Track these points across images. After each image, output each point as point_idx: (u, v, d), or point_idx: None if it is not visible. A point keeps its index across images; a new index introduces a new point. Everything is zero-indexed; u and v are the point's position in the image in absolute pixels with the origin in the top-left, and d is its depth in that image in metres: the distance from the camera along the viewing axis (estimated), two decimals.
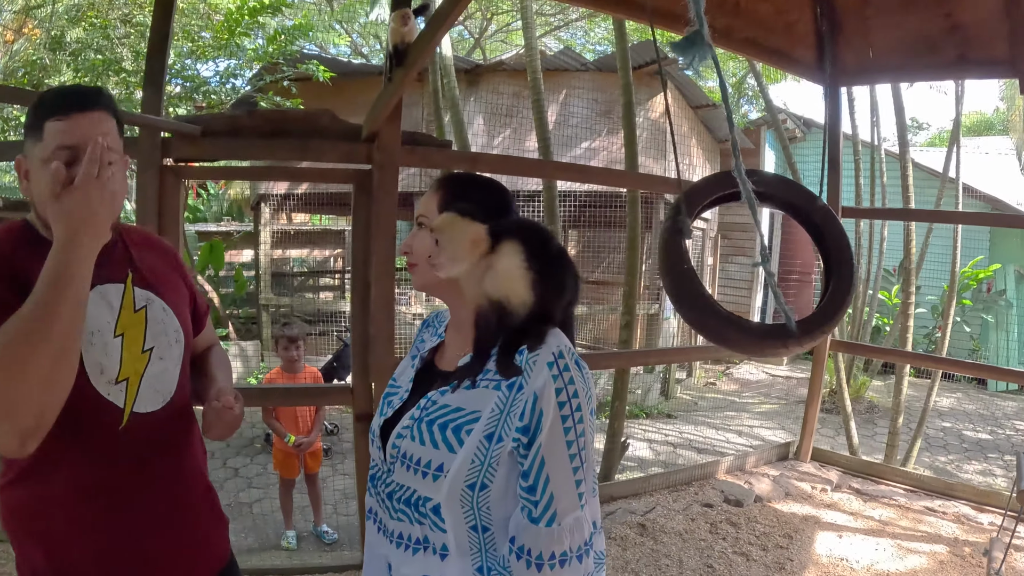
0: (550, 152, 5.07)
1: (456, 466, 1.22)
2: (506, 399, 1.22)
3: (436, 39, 2.16)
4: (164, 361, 1.46)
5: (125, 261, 1.47)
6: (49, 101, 1.34)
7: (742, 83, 15.31)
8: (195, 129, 3.10)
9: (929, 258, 8.18)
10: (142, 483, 1.41)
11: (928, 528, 4.06)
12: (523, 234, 1.29)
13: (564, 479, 1.19)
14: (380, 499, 1.36)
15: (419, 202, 1.44)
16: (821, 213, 2.50)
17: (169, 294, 1.53)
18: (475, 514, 1.24)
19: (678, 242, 2.36)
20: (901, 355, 6.32)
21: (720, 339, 2.36)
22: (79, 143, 1.28)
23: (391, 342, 3.21)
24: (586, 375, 1.25)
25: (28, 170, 1.35)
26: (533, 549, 1.18)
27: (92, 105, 1.34)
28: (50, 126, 1.30)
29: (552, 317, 1.30)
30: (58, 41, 8.70)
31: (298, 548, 4.51)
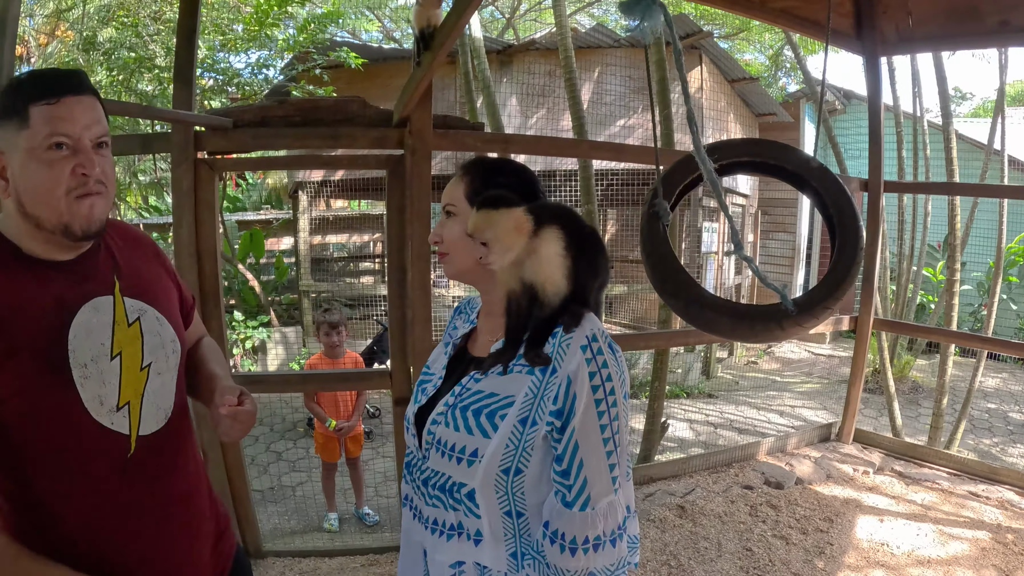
0: (585, 131, 5.02)
1: (491, 451, 1.22)
2: (539, 383, 1.22)
3: (462, 21, 2.13)
4: (162, 376, 1.36)
5: (109, 267, 1.34)
6: (34, 83, 1.20)
7: (779, 55, 14.98)
8: (226, 122, 3.13)
9: (974, 233, 7.93)
10: (155, 505, 1.33)
11: (971, 513, 3.96)
12: (561, 220, 1.28)
13: (598, 463, 1.19)
14: (415, 486, 1.37)
15: (445, 190, 1.43)
16: (817, 175, 2.29)
17: (160, 299, 1.42)
18: (509, 500, 1.24)
19: (656, 227, 2.24)
20: (945, 334, 6.13)
21: (708, 326, 2.22)
22: (75, 133, 1.19)
23: (429, 325, 3.22)
24: (619, 358, 1.24)
25: (4, 166, 1.20)
26: (567, 533, 1.18)
27: (83, 89, 1.23)
28: (39, 110, 1.17)
29: (587, 299, 1.29)
30: (90, 42, 8.86)
31: (340, 530, 4.59)
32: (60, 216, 1.19)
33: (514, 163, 1.48)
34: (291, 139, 3.28)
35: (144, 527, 1.31)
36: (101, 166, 1.22)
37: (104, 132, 1.24)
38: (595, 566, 1.19)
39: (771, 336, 2.24)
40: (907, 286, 8.06)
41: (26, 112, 1.16)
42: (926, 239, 8.17)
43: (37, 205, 1.19)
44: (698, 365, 9.57)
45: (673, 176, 2.38)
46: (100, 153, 1.23)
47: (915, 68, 7.22)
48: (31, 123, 1.16)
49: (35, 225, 1.21)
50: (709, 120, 9.56)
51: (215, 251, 3.17)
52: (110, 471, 1.25)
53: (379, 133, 3.22)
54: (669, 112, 4.79)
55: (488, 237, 1.25)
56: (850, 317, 5.02)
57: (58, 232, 1.21)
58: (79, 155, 1.19)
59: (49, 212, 1.19)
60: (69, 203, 1.19)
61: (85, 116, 1.20)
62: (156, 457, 1.32)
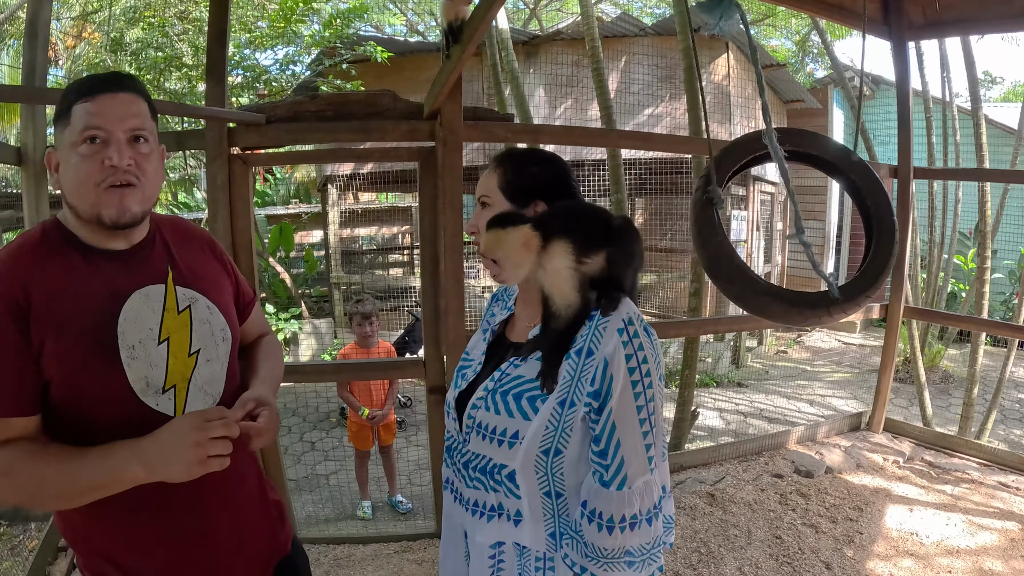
0: (613, 120, 5.02)
1: (531, 433, 1.26)
2: (576, 365, 1.25)
3: (491, 14, 2.16)
4: (212, 363, 1.40)
5: (164, 258, 1.41)
6: (77, 86, 1.30)
7: (806, 40, 14.78)
8: (259, 117, 3.18)
9: (1006, 220, 7.78)
10: (199, 491, 1.33)
11: (1001, 504, 3.92)
12: (572, 231, 1.30)
13: (634, 443, 1.22)
14: (456, 469, 1.41)
15: (479, 182, 1.46)
16: (857, 169, 2.35)
17: (212, 290, 1.46)
18: (549, 480, 1.28)
19: (710, 214, 2.26)
20: (976, 322, 6.06)
21: (761, 310, 2.28)
22: (108, 126, 1.25)
23: (461, 314, 3.26)
24: (654, 342, 1.27)
25: (58, 162, 1.30)
26: (604, 512, 1.21)
27: (120, 86, 1.29)
28: (78, 108, 1.25)
29: (623, 285, 1.32)
30: (118, 42, 9.00)
31: (373, 518, 4.68)
32: (92, 206, 1.26)
33: (545, 153, 1.51)
34: (323, 133, 3.31)
35: (185, 513, 1.34)
36: (134, 158, 1.28)
37: (140, 126, 1.29)
38: (631, 544, 1.22)
39: (818, 321, 2.29)
40: (938, 274, 7.93)
41: (69, 111, 1.25)
42: (957, 226, 8.01)
43: (74, 196, 1.27)
44: (728, 354, 9.54)
45: (724, 161, 2.42)
46: (135, 146, 1.28)
47: (944, 52, 7.10)
48: (71, 120, 1.25)
49: (76, 215, 1.29)
50: (737, 107, 9.49)
51: (250, 244, 3.24)
52: None
53: (410, 126, 3.25)
54: (698, 101, 4.78)
55: (499, 256, 1.29)
56: (880, 305, 4.97)
57: (92, 221, 1.27)
58: (109, 148, 1.25)
59: (83, 202, 1.26)
60: (99, 194, 1.25)
61: (119, 110, 1.26)
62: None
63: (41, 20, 3.13)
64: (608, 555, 1.22)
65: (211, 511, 1.38)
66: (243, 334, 1.61)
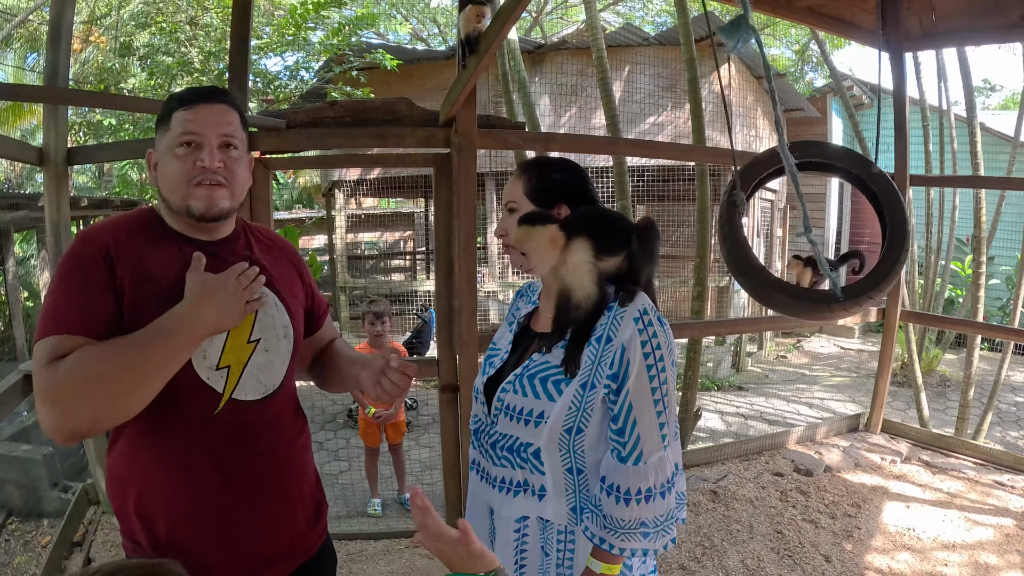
0: (618, 129, 5.13)
1: (556, 412, 1.39)
2: (597, 351, 1.39)
3: (507, 27, 2.27)
4: (270, 354, 1.49)
5: (245, 253, 1.52)
6: (179, 95, 1.46)
7: (805, 49, 14.92)
8: (280, 123, 3.29)
9: (1003, 227, 7.87)
10: (234, 467, 1.43)
11: (996, 501, 4.02)
12: (592, 231, 1.43)
13: (649, 422, 1.35)
14: (483, 450, 1.53)
15: (506, 188, 1.60)
16: (878, 180, 2.53)
17: (284, 291, 1.56)
18: (571, 457, 1.40)
19: (733, 215, 2.51)
20: (971, 326, 6.16)
21: (771, 302, 2.50)
22: (202, 131, 1.40)
23: (474, 315, 3.36)
24: (667, 330, 1.40)
25: (157, 161, 1.44)
26: (621, 486, 1.34)
27: (216, 98, 1.45)
28: (177, 115, 1.41)
29: (639, 280, 1.45)
30: (127, 47, 9.09)
31: (383, 514, 4.78)
32: (183, 199, 1.40)
33: (567, 161, 1.65)
34: (342, 139, 3.42)
35: (219, 487, 1.41)
36: (224, 161, 1.42)
37: (232, 134, 1.44)
38: (646, 516, 1.34)
39: (820, 316, 2.48)
40: (935, 280, 8.03)
41: (170, 117, 1.42)
42: (954, 233, 8.12)
43: (168, 190, 1.42)
44: (728, 358, 9.64)
45: (752, 170, 2.63)
46: (225, 151, 1.43)
47: (941, 62, 7.21)
48: (171, 126, 1.41)
49: (168, 208, 1.44)
50: (737, 116, 9.61)
51: None
52: (197, 423, 1.39)
53: (426, 132, 3.36)
54: (700, 110, 4.89)
55: (528, 249, 1.42)
56: (878, 309, 5.08)
57: (183, 213, 1.42)
58: (202, 151, 1.40)
59: (175, 196, 1.41)
60: (190, 189, 1.39)
61: (213, 119, 1.42)
62: (243, 424, 1.44)
63: (64, 23, 3.23)
64: (625, 526, 1.34)
65: (246, 488, 1.45)
66: (319, 338, 1.77)
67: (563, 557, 1.44)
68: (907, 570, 3.31)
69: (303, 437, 1.63)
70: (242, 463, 1.45)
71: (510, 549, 1.46)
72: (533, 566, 1.46)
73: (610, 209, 1.57)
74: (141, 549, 1.41)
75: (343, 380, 1.75)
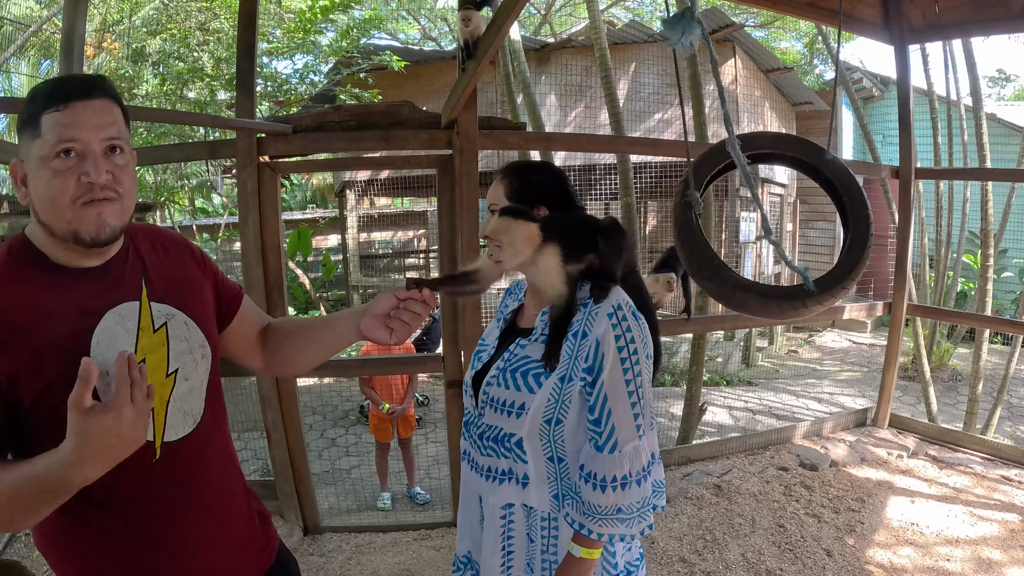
0: (622, 127, 5.16)
1: (535, 404, 1.46)
2: (573, 346, 1.46)
3: (503, 31, 2.33)
4: (190, 381, 1.33)
5: (138, 272, 1.32)
6: (45, 91, 1.18)
7: (814, 42, 14.84)
8: (286, 128, 3.38)
9: (1016, 219, 7.80)
10: (184, 513, 1.31)
11: (1002, 497, 4.03)
12: (562, 237, 1.49)
13: (624, 412, 1.42)
14: (472, 440, 1.60)
15: (489, 191, 1.67)
16: (831, 167, 2.46)
17: (191, 302, 1.38)
18: (552, 446, 1.48)
19: (688, 216, 2.42)
20: (978, 319, 6.14)
21: (740, 305, 2.39)
22: (83, 137, 1.15)
23: (478, 312, 3.45)
24: (642, 325, 1.47)
25: (26, 174, 1.19)
26: (598, 473, 1.41)
27: (93, 93, 1.19)
28: (48, 118, 1.15)
29: (614, 276, 1.51)
30: (139, 53, 9.20)
31: (393, 508, 4.85)
32: (68, 223, 1.17)
33: (547, 164, 1.73)
34: (347, 142, 3.51)
35: (176, 534, 1.30)
36: (111, 171, 1.19)
37: (117, 135, 1.21)
38: (623, 503, 1.41)
39: (796, 313, 2.38)
40: (945, 273, 7.99)
41: (38, 121, 1.16)
42: (965, 225, 8.05)
43: (47, 213, 1.18)
44: (738, 354, 9.64)
45: (701, 167, 2.58)
46: (111, 158, 1.20)
47: (951, 53, 7.16)
48: (42, 131, 1.15)
49: (50, 233, 1.19)
50: (744, 111, 9.60)
51: (279, 247, 3.43)
52: (137, 480, 1.23)
53: (429, 135, 3.45)
54: (702, 107, 4.93)
55: (504, 241, 1.46)
56: (884, 303, 5.10)
57: (69, 239, 1.19)
58: (85, 162, 1.16)
59: (58, 220, 1.17)
60: (75, 211, 1.16)
61: (94, 119, 1.17)
62: (184, 463, 1.30)
63: (76, 35, 3.29)
64: (602, 512, 1.40)
65: (201, 528, 1.34)
66: (246, 325, 1.57)
67: (547, 543, 1.50)
68: (909, 565, 3.33)
69: (230, 444, 1.50)
70: (193, 506, 1.33)
71: (497, 535, 1.53)
72: (520, 552, 1.52)
73: (579, 215, 1.62)
74: None
75: (320, 343, 1.55)
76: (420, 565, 3.46)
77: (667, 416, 7.12)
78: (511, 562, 1.53)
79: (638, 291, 1.58)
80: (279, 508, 3.76)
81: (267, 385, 3.48)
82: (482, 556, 1.58)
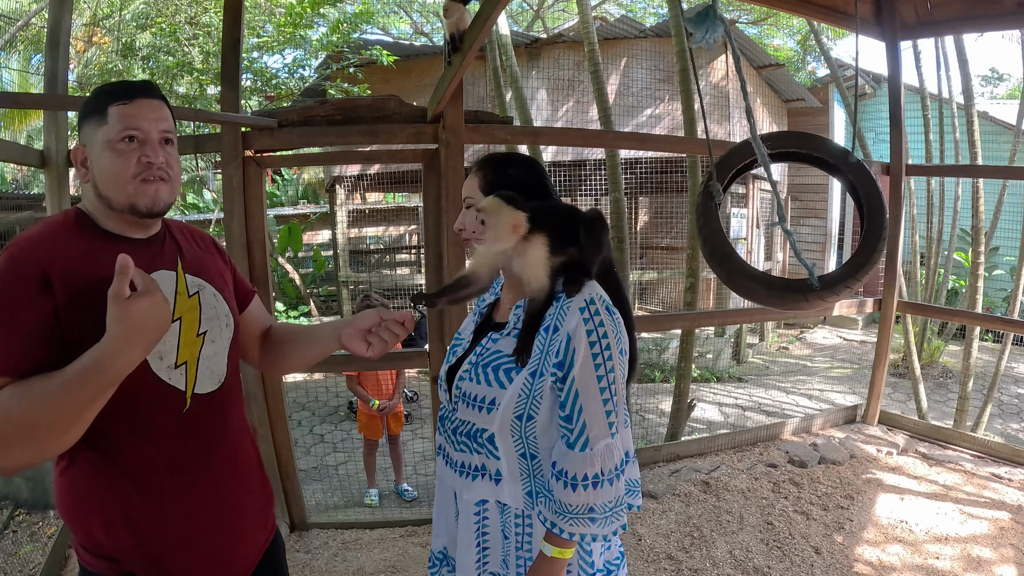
0: (611, 122, 5.14)
1: (506, 400, 1.43)
2: (545, 340, 1.43)
3: (488, 24, 2.30)
4: (216, 344, 1.50)
5: (174, 249, 1.51)
6: (113, 88, 1.40)
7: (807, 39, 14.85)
8: (271, 122, 3.34)
9: (1007, 217, 7.79)
10: (205, 464, 1.45)
11: (992, 494, 4.02)
12: (552, 228, 1.47)
13: (595, 409, 1.38)
14: (447, 435, 1.58)
15: (464, 184, 1.64)
16: (855, 169, 2.53)
17: (217, 281, 1.57)
18: (524, 442, 1.45)
19: (709, 206, 2.52)
20: (967, 316, 6.14)
21: (746, 292, 2.51)
22: (145, 127, 1.37)
23: (464, 307, 3.39)
24: (616, 320, 1.43)
25: (86, 157, 1.39)
26: (569, 471, 1.37)
27: (153, 93, 1.42)
28: (115, 110, 1.36)
29: (590, 271, 1.48)
30: (129, 47, 9.16)
31: (380, 505, 4.83)
32: (128, 196, 1.36)
33: (523, 156, 1.68)
34: (333, 137, 3.46)
35: (195, 484, 1.42)
36: (166, 157, 1.40)
37: (170, 129, 1.43)
38: (595, 502, 1.37)
39: (797, 306, 2.47)
40: (936, 270, 7.98)
41: (105, 111, 1.36)
42: (956, 223, 8.05)
43: (109, 188, 1.36)
44: (728, 350, 9.65)
45: (728, 161, 2.67)
46: (165, 147, 1.41)
47: (943, 50, 7.15)
48: (108, 120, 1.36)
49: (107, 205, 1.38)
50: (736, 108, 9.60)
51: (264, 242, 3.39)
52: (167, 422, 1.38)
53: (415, 129, 3.41)
54: (692, 101, 4.91)
55: (490, 222, 1.44)
56: (874, 300, 5.10)
57: (126, 211, 1.37)
58: (146, 147, 1.37)
59: (119, 193, 1.36)
60: (136, 186, 1.36)
61: (154, 114, 1.39)
62: (209, 417, 1.46)
63: (62, 29, 3.27)
64: (573, 511, 1.37)
65: (219, 482, 1.47)
66: (252, 324, 1.75)
67: (522, 540, 1.48)
68: (898, 563, 3.31)
69: (245, 419, 1.64)
70: (214, 459, 1.47)
71: (472, 531, 1.50)
72: (496, 550, 1.50)
73: (564, 205, 1.59)
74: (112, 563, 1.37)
75: (306, 350, 1.74)
76: (406, 561, 3.44)
77: (656, 412, 7.11)
78: (487, 558, 1.51)
79: (616, 290, 1.55)
80: None
81: (253, 382, 3.44)
82: (457, 552, 1.55)
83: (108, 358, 1.17)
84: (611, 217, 4.87)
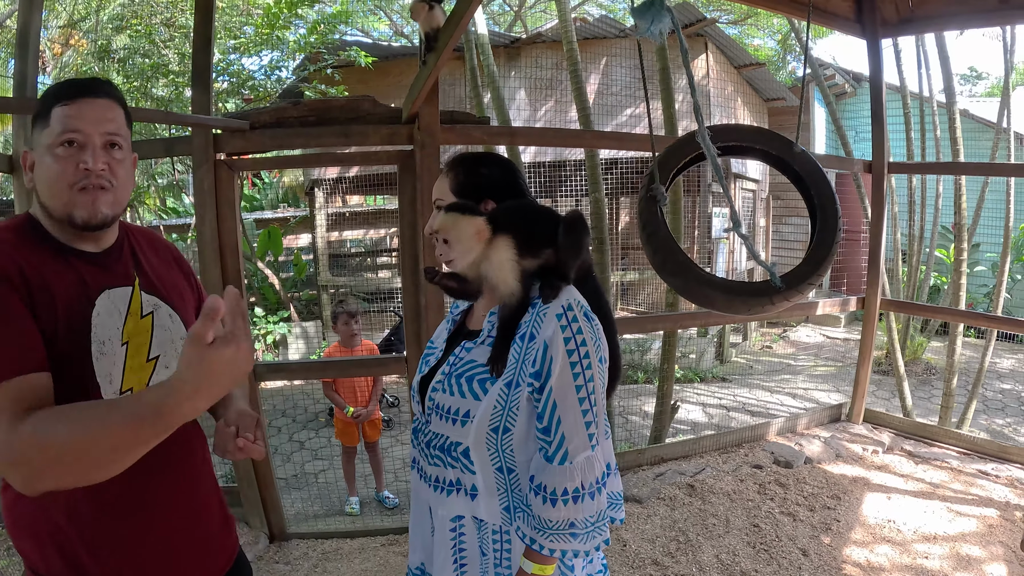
0: (590, 122, 5.09)
1: (481, 412, 1.36)
2: (521, 349, 1.35)
3: (463, 23, 2.24)
4: (170, 369, 1.38)
5: (131, 263, 1.43)
6: (57, 89, 1.33)
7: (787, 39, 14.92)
8: (243, 124, 3.27)
9: (989, 214, 7.84)
10: (154, 491, 1.36)
11: (980, 491, 4.02)
12: (516, 228, 1.40)
13: (574, 420, 1.31)
14: (420, 448, 1.51)
15: (434, 186, 1.57)
16: (800, 160, 2.43)
17: (176, 299, 1.49)
18: (500, 456, 1.37)
19: (653, 210, 2.39)
20: (950, 313, 6.16)
21: (706, 301, 2.35)
22: (85, 129, 1.28)
23: (441, 312, 3.34)
24: (595, 326, 1.36)
25: (34, 161, 1.32)
26: (548, 485, 1.31)
27: (99, 92, 1.33)
28: (57, 111, 1.28)
29: (567, 275, 1.41)
30: (105, 50, 9.04)
31: (361, 513, 4.75)
32: (64, 206, 1.28)
33: (495, 155, 1.62)
34: (306, 138, 3.40)
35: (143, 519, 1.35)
36: (108, 164, 1.31)
37: (117, 132, 1.33)
38: (576, 517, 1.31)
39: (762, 309, 2.35)
40: (918, 267, 8.02)
41: (48, 114, 1.29)
42: (938, 220, 8.08)
43: (47, 195, 1.30)
44: (711, 350, 9.63)
45: (668, 160, 2.51)
46: (110, 152, 1.32)
47: (924, 48, 7.18)
48: (50, 122, 1.28)
49: (48, 215, 1.32)
50: (717, 107, 9.59)
51: (237, 247, 3.32)
52: None
53: (390, 130, 3.35)
54: (672, 100, 4.87)
55: (451, 238, 1.37)
56: (857, 298, 5.09)
57: (64, 221, 1.30)
58: (85, 151, 1.29)
59: (56, 202, 1.29)
60: (72, 195, 1.28)
61: (96, 115, 1.30)
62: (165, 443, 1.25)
63: (32, 31, 3.20)
64: (553, 526, 1.31)
65: (170, 509, 1.40)
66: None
67: (500, 557, 1.41)
68: (886, 563, 3.29)
69: (204, 451, 1.54)
70: (164, 487, 1.38)
71: (448, 548, 1.44)
72: (474, 565, 1.43)
73: (536, 204, 1.53)
74: None
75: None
76: (387, 571, 3.38)
77: (639, 414, 7.08)
78: (465, 575, 1.44)
79: (596, 295, 1.48)
80: (244, 515, 3.65)
81: None
82: (434, 569, 1.48)
83: (173, 402, 1.04)
84: (592, 218, 4.81)
